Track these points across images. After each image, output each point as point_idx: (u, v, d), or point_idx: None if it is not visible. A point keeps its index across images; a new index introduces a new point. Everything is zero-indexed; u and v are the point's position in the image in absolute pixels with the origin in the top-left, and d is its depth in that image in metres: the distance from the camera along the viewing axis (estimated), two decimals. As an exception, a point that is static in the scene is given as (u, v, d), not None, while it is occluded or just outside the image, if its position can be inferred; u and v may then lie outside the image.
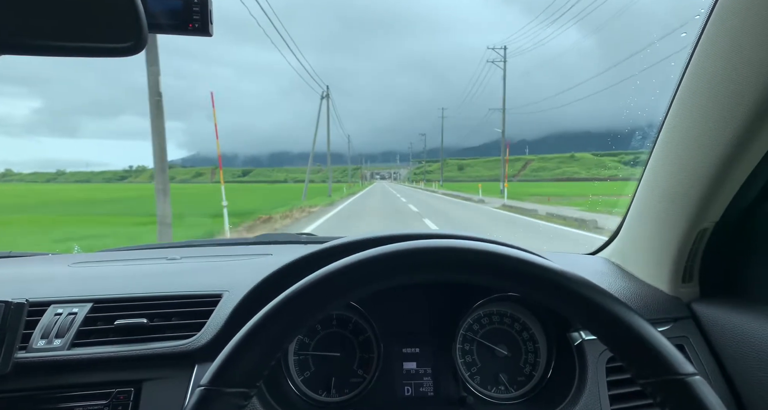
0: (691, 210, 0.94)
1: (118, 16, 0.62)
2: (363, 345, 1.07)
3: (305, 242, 1.64)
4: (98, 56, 0.64)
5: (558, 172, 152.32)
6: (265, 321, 0.54)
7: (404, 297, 1.10)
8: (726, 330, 0.96)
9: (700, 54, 0.84)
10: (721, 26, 0.78)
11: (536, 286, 0.55)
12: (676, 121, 0.93)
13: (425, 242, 0.57)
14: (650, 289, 1.10)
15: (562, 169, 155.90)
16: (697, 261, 1.03)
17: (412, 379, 1.06)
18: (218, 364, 0.52)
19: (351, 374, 1.05)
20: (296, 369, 1.05)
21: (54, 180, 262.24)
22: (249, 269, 1.14)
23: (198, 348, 0.91)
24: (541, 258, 0.56)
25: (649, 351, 0.50)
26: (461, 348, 1.08)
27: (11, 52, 0.60)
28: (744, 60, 0.74)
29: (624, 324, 0.52)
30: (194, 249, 1.56)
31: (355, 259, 0.56)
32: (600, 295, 0.54)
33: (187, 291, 1.03)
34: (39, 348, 0.88)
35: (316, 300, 0.55)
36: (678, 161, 0.94)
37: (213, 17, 0.70)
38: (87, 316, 0.94)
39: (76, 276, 1.18)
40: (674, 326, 1.02)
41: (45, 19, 0.59)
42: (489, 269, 0.56)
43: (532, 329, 1.10)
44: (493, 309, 1.11)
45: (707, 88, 0.83)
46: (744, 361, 0.91)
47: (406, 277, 0.56)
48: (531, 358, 1.08)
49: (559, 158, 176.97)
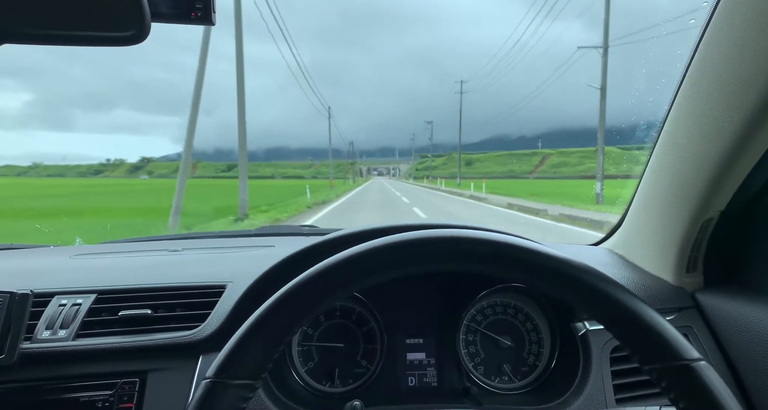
0: (696, 200, 0.94)
1: (119, 4, 0.61)
2: (366, 335, 1.07)
3: (307, 234, 1.64)
4: (100, 45, 0.64)
5: (582, 169, 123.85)
6: (269, 314, 0.54)
7: (408, 288, 1.10)
8: (730, 320, 0.96)
9: (706, 43, 0.83)
10: (728, 16, 0.77)
11: (541, 275, 0.55)
12: (680, 111, 0.93)
13: (430, 232, 0.57)
14: (654, 279, 1.10)
15: (586, 165, 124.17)
16: (702, 252, 1.03)
17: (416, 370, 1.06)
18: (223, 356, 0.52)
19: (355, 365, 1.06)
20: (300, 360, 1.05)
21: (25, 174, 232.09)
22: (252, 260, 1.14)
23: (202, 339, 0.91)
24: (545, 247, 0.56)
25: (655, 336, 0.50)
26: (465, 339, 1.08)
27: (12, 41, 0.60)
28: (750, 49, 0.74)
29: (629, 311, 0.52)
30: (196, 241, 1.56)
31: (357, 250, 0.56)
32: (605, 282, 0.53)
33: (190, 282, 1.03)
34: (44, 339, 0.88)
35: (321, 291, 0.55)
36: (683, 151, 0.93)
37: (216, 6, 0.70)
38: (91, 307, 0.95)
39: (80, 267, 1.18)
40: (678, 316, 1.02)
41: (46, 7, 0.59)
42: (493, 258, 0.56)
43: (536, 319, 1.10)
44: (496, 300, 1.11)
45: (713, 77, 0.82)
46: (748, 350, 0.91)
47: (411, 268, 0.56)
48: (535, 349, 1.08)
49: (581, 152, 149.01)
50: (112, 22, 0.62)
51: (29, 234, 8.90)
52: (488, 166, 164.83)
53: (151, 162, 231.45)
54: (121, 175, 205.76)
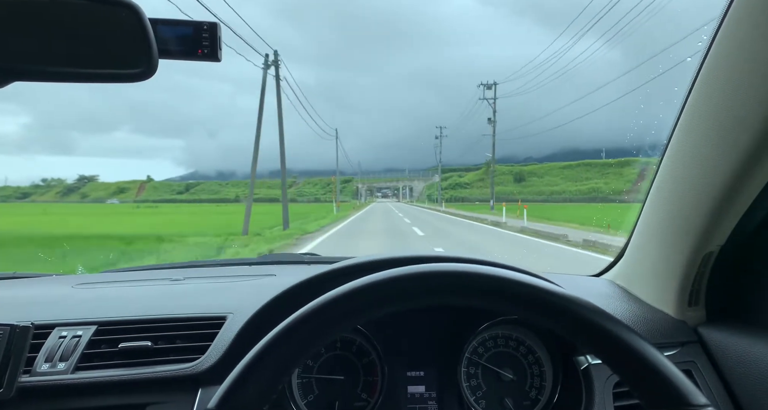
0: (696, 233, 0.94)
1: (129, 42, 0.63)
2: (367, 367, 1.06)
3: (308, 262, 1.64)
4: (109, 82, 0.66)
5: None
6: (271, 347, 0.54)
7: (409, 320, 1.10)
8: (733, 355, 0.95)
9: (704, 77, 0.85)
10: (724, 54, 0.79)
11: (542, 312, 0.55)
12: (680, 144, 0.94)
13: (434, 266, 0.57)
14: (656, 313, 1.09)
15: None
16: (704, 285, 1.03)
17: (417, 403, 1.05)
18: (225, 389, 0.52)
19: (355, 398, 1.04)
20: (300, 393, 1.04)
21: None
22: (253, 290, 1.14)
23: (202, 371, 0.90)
24: (549, 284, 0.56)
25: (661, 380, 0.50)
26: (466, 372, 1.07)
27: (23, 78, 0.61)
28: (746, 86, 0.75)
29: (635, 353, 0.51)
30: (197, 270, 1.56)
31: (362, 283, 0.56)
32: (611, 323, 0.53)
33: (191, 313, 1.03)
34: (43, 372, 0.87)
35: (325, 324, 0.55)
36: (683, 183, 0.94)
37: (222, 43, 0.72)
38: (91, 339, 0.94)
39: (80, 298, 1.18)
40: (681, 350, 1.01)
41: (57, 45, 0.61)
42: (494, 295, 0.56)
43: (538, 352, 1.09)
44: (498, 332, 1.10)
45: (711, 112, 0.84)
46: (752, 386, 0.90)
47: (416, 302, 0.56)
48: (537, 382, 1.07)
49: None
50: (122, 60, 0.63)
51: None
52: (550, 182, 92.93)
53: (90, 182, 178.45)
54: (51, 199, 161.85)
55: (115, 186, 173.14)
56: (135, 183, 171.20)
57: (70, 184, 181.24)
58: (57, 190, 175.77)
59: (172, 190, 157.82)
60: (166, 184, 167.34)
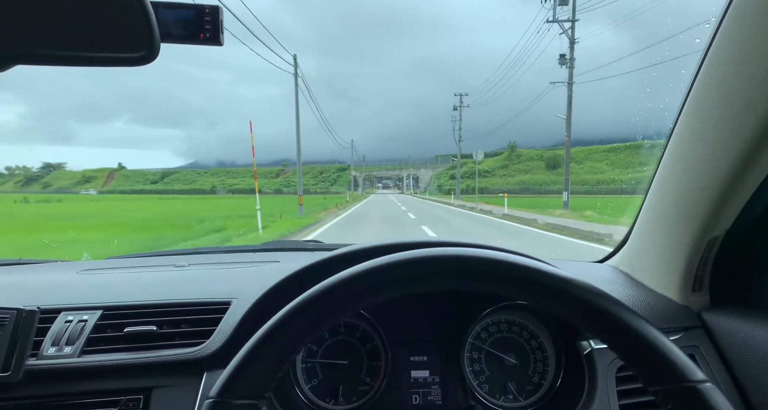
0: (701, 219, 0.93)
1: (130, 26, 0.62)
2: (371, 353, 1.07)
3: (312, 249, 1.64)
4: (110, 66, 0.65)
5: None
6: (273, 332, 0.54)
7: (412, 305, 1.10)
8: (737, 340, 0.95)
9: (711, 61, 0.83)
10: (732, 34, 0.78)
11: (545, 295, 0.55)
12: (685, 129, 0.93)
13: (437, 250, 0.57)
14: (660, 298, 1.09)
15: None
16: (708, 270, 1.02)
17: (420, 388, 1.05)
18: (226, 376, 0.52)
19: (359, 382, 1.05)
20: (304, 377, 1.05)
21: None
22: (257, 276, 1.15)
23: (207, 355, 0.91)
24: (550, 266, 0.56)
25: (660, 358, 0.50)
26: (469, 357, 1.08)
27: (24, 62, 0.61)
28: (754, 68, 0.74)
29: (634, 332, 0.51)
30: (202, 256, 1.56)
31: (363, 268, 0.56)
32: (609, 303, 0.53)
33: (195, 298, 1.03)
34: (49, 356, 0.88)
35: (325, 309, 0.55)
36: (688, 169, 0.94)
37: (224, 27, 0.71)
38: (97, 323, 0.95)
39: (86, 283, 1.19)
40: (684, 335, 1.01)
41: (57, 29, 0.60)
42: (498, 278, 0.56)
43: (541, 337, 1.09)
44: (501, 318, 1.11)
45: (717, 96, 0.83)
46: (755, 371, 0.90)
47: (418, 287, 0.56)
48: (540, 367, 1.07)
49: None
50: (124, 43, 0.63)
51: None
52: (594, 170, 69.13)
53: (57, 170, 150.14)
54: (10, 189, 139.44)
55: (80, 175, 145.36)
56: (103, 171, 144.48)
57: (34, 172, 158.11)
58: (17, 180, 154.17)
59: (146, 180, 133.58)
60: (139, 172, 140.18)
